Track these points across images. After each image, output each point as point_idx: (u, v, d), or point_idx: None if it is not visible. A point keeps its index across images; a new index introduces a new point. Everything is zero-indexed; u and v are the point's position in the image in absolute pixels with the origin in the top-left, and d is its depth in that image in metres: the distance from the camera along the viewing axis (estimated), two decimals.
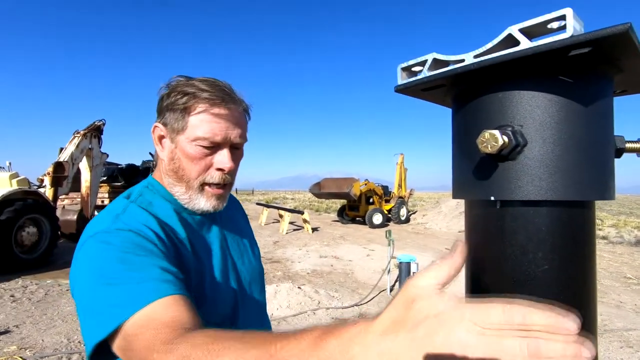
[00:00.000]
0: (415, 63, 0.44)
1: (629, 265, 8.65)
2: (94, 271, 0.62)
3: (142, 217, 0.72)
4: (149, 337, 0.52)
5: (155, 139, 0.82)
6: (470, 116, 0.40)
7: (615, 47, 0.32)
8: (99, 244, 0.65)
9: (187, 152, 0.77)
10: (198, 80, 0.79)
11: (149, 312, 0.55)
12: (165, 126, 0.79)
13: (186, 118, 0.76)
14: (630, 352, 3.91)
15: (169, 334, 0.51)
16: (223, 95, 0.78)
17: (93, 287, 0.60)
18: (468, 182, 0.41)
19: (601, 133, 0.37)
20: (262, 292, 0.98)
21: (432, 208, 18.25)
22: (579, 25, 0.32)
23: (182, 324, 0.54)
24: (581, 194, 0.35)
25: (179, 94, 0.77)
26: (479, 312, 0.29)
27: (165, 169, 0.81)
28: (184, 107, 0.76)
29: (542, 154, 0.35)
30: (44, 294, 5.19)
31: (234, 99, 0.80)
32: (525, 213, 0.36)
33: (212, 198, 0.80)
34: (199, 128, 0.75)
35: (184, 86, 0.78)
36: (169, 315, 0.55)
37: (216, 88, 0.78)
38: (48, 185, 7.45)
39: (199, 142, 0.76)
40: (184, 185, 0.79)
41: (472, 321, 0.29)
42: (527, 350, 0.28)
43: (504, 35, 0.36)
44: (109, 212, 0.74)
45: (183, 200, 0.80)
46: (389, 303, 0.35)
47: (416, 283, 0.34)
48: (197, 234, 0.82)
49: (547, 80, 0.36)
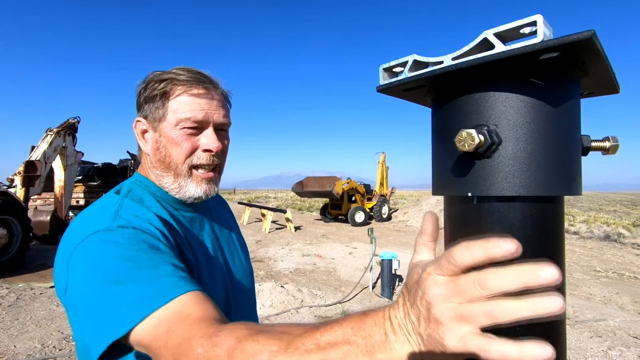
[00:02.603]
0: (397, 64, 0.45)
1: (598, 259, 9.07)
2: (100, 270, 0.59)
3: (141, 213, 0.71)
4: (184, 332, 0.51)
5: (138, 134, 0.80)
6: (449, 116, 0.42)
7: (581, 51, 0.34)
8: (102, 243, 0.62)
9: (171, 137, 0.76)
10: (174, 68, 0.79)
11: (177, 308, 0.54)
12: (146, 118, 0.78)
13: (166, 104, 0.76)
14: (600, 341, 4.11)
15: (207, 328, 0.51)
16: (200, 76, 0.78)
17: (102, 287, 0.58)
18: (447, 179, 0.43)
19: (569, 132, 0.39)
20: (252, 291, 0.98)
21: (413, 206, 18.55)
22: (548, 31, 0.35)
23: (216, 318, 0.54)
24: (551, 190, 0.38)
25: (156, 83, 0.77)
26: (436, 267, 0.35)
27: (152, 162, 0.80)
28: (162, 93, 0.76)
29: (515, 152, 0.37)
30: (15, 299, 4.98)
31: (211, 81, 0.80)
32: (500, 208, 0.39)
33: (202, 182, 0.79)
34: (179, 110, 0.75)
35: (160, 75, 0.78)
36: (201, 310, 0.55)
37: (193, 71, 0.78)
38: (19, 185, 7.14)
39: (182, 123, 0.75)
40: (172, 174, 0.78)
41: (436, 275, 0.34)
42: (478, 282, 0.31)
43: (480, 39, 0.38)
44: (104, 208, 0.71)
45: (173, 190, 0.79)
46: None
47: (411, 262, 0.42)
48: (190, 230, 0.81)
49: (519, 82, 0.38)
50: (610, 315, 4.99)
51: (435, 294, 0.34)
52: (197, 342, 0.49)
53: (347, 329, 0.40)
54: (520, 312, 0.30)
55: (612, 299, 5.84)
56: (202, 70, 0.81)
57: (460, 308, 0.32)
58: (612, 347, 3.94)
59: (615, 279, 7.09)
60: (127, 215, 0.69)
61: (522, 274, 0.30)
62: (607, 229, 13.33)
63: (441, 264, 0.34)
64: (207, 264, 0.80)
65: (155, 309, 0.54)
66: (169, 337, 0.52)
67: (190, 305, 0.55)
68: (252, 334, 0.47)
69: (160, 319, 0.54)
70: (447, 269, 0.33)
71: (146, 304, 0.55)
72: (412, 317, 0.36)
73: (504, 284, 0.30)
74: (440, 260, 0.34)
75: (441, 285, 0.34)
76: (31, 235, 7.09)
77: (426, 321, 0.34)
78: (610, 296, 5.96)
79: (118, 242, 0.62)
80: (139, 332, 0.54)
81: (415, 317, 0.36)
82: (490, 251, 0.31)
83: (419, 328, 0.35)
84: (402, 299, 0.39)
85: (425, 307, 0.34)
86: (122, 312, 0.55)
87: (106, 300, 0.57)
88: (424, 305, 0.35)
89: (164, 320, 0.53)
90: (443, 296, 0.33)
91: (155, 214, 0.73)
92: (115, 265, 0.59)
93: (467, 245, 0.33)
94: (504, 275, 0.31)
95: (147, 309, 0.54)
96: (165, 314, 0.54)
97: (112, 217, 0.67)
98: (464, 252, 0.32)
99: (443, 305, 0.33)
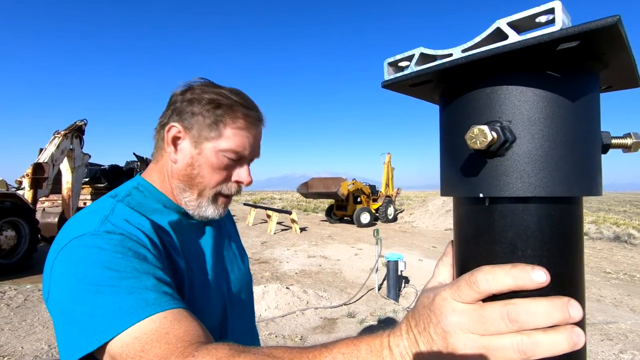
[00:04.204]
0: (402, 58, 0.43)
1: (608, 260, 8.93)
2: (81, 277, 0.56)
3: (133, 219, 0.68)
4: (160, 352, 0.48)
5: (168, 139, 0.77)
6: (459, 112, 0.40)
7: (603, 41, 0.32)
8: (86, 248, 0.59)
9: (212, 161, 0.75)
10: (228, 91, 0.78)
11: (154, 326, 0.51)
12: (186, 130, 0.76)
13: (221, 129, 0.75)
14: (611, 344, 4.03)
15: (185, 348, 0.48)
16: (259, 115, 0.81)
17: (79, 295, 0.54)
18: (456, 179, 0.40)
19: (589, 129, 0.37)
20: (251, 302, 0.96)
21: (419, 207, 18.46)
22: (567, 19, 0.32)
23: (197, 337, 0.51)
24: (569, 190, 0.35)
25: (212, 104, 0.75)
26: (453, 292, 0.33)
27: (177, 173, 0.77)
28: (220, 118, 0.75)
29: (530, 150, 0.35)
30: (23, 300, 5.03)
31: (263, 120, 0.82)
32: (514, 210, 0.36)
33: (221, 207, 0.80)
34: (233, 141, 0.75)
35: (216, 95, 0.76)
36: (181, 328, 0.52)
37: (252, 106, 0.80)
38: (27, 187, 7.22)
39: (228, 154, 0.76)
40: (196, 193, 0.77)
41: (454, 301, 0.32)
42: (507, 317, 0.30)
43: (492, 29, 0.35)
44: (94, 212, 0.68)
45: (189, 205, 0.78)
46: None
47: (425, 285, 0.40)
48: (189, 238, 0.79)
49: (535, 75, 0.35)
50: (622, 317, 4.90)
51: (454, 322, 0.31)
52: None
53: (337, 355, 0.38)
54: (554, 347, 0.29)
55: (623, 301, 5.73)
56: (253, 100, 0.82)
57: (484, 340, 0.30)
58: (624, 351, 3.86)
59: (626, 281, 6.97)
60: (117, 220, 0.66)
61: (553, 310, 0.30)
62: (617, 229, 13.13)
63: (461, 289, 0.32)
64: (203, 274, 0.77)
65: (131, 325, 0.51)
66: (142, 356, 0.49)
67: (169, 323, 0.52)
68: (234, 354, 0.45)
69: (135, 337, 0.51)
70: (467, 295, 0.31)
71: (122, 318, 0.52)
72: (420, 347, 0.33)
73: (536, 320, 0.29)
74: (459, 285, 0.32)
75: (461, 314, 0.31)
76: (39, 237, 7.16)
77: (440, 351, 0.32)
78: (621, 298, 5.86)
79: (102, 247, 0.59)
80: (113, 348, 0.51)
81: (425, 346, 0.33)
82: (519, 281, 0.30)
83: (430, 358, 0.32)
84: (406, 326, 0.36)
85: (441, 336, 0.32)
86: (96, 325, 0.52)
87: (81, 311, 0.53)
88: (438, 334, 0.32)
89: (139, 338, 0.50)
90: (464, 326, 0.31)
91: (151, 220, 0.71)
92: (95, 273, 0.56)
93: (491, 270, 0.31)
94: (537, 310, 0.29)
95: (123, 324, 0.51)
96: (141, 331, 0.51)
97: (100, 222, 0.64)
98: (488, 278, 0.30)
99: (464, 336, 0.31)
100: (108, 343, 0.51)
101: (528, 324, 0.29)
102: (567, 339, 0.29)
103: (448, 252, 0.43)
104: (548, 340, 0.29)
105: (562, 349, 0.29)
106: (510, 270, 0.31)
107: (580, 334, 0.30)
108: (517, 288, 0.31)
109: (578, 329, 0.30)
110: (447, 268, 0.42)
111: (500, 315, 0.30)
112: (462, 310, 0.31)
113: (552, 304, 0.30)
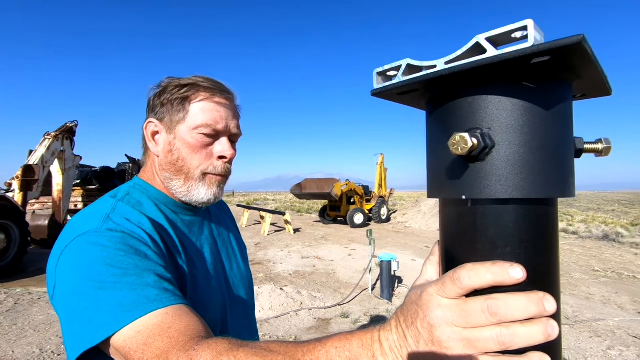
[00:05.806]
0: (390, 68, 0.46)
1: (597, 258, 9.08)
2: (85, 273, 0.58)
3: (133, 217, 0.69)
4: (162, 345, 0.50)
5: (148, 135, 0.80)
6: (442, 119, 0.42)
7: (571, 55, 0.34)
8: (88, 245, 0.61)
9: (188, 141, 0.76)
10: (194, 76, 0.80)
11: (156, 321, 0.54)
12: (161, 121, 0.78)
13: (187, 107, 0.77)
14: (599, 341, 4.11)
15: (188, 342, 0.50)
16: (221, 86, 0.81)
17: (83, 291, 0.56)
18: (441, 182, 0.43)
19: (562, 135, 0.39)
20: (251, 298, 0.97)
21: (412, 207, 18.56)
22: (539, 35, 0.35)
23: (198, 332, 0.53)
24: (545, 192, 0.38)
25: (176, 87, 0.78)
26: (439, 288, 0.35)
27: (161, 165, 0.79)
28: (184, 97, 0.77)
29: (508, 155, 0.38)
30: (13, 303, 4.95)
31: (230, 91, 0.82)
32: (494, 210, 0.39)
33: (214, 185, 0.80)
34: (201, 116, 0.76)
35: (181, 80, 0.79)
36: (182, 323, 0.54)
37: (214, 80, 0.80)
38: (17, 190, 7.12)
39: (201, 129, 0.76)
40: (183, 177, 0.78)
41: (439, 297, 0.35)
42: (488, 310, 0.33)
43: (472, 43, 0.38)
44: (96, 211, 0.69)
45: (180, 193, 0.79)
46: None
47: (414, 283, 0.42)
48: (188, 235, 0.80)
49: (512, 86, 0.38)
50: (610, 315, 4.99)
51: (439, 316, 0.34)
52: (174, 356, 0.49)
53: (330, 349, 0.40)
54: (530, 338, 0.32)
55: (611, 298, 5.84)
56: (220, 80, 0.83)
57: (467, 333, 0.33)
58: (612, 347, 3.94)
59: (614, 279, 7.10)
60: (118, 218, 0.67)
61: (530, 304, 0.32)
62: (605, 228, 13.35)
63: (445, 286, 0.34)
64: (203, 270, 0.79)
65: (134, 320, 0.53)
66: (145, 350, 0.51)
67: (171, 318, 0.54)
68: (233, 348, 0.47)
69: (138, 331, 0.53)
70: (451, 291, 0.34)
71: (125, 313, 0.54)
72: (409, 340, 0.36)
73: (514, 313, 0.32)
74: (444, 281, 0.34)
75: (446, 309, 0.34)
76: (29, 240, 7.07)
77: (427, 344, 0.34)
78: (609, 296, 5.97)
79: (105, 245, 0.61)
80: (116, 341, 0.53)
81: (413, 340, 0.35)
82: (498, 277, 0.32)
83: (417, 351, 0.35)
84: (395, 321, 0.38)
85: (427, 330, 0.34)
86: (100, 320, 0.54)
87: (85, 306, 0.56)
88: (425, 327, 0.34)
89: (142, 332, 0.53)
90: (448, 320, 0.33)
91: (150, 218, 0.72)
92: (99, 270, 0.58)
93: (473, 267, 0.33)
94: (515, 304, 0.32)
95: (126, 319, 0.53)
96: (144, 325, 0.53)
97: (103, 220, 0.66)
98: (470, 274, 0.33)
99: (448, 329, 0.33)
100: (112, 337, 0.53)
101: (507, 317, 0.32)
102: (542, 331, 0.32)
103: (435, 251, 0.45)
104: (525, 331, 0.32)
105: (538, 339, 0.32)
106: (491, 267, 0.33)
107: (555, 326, 0.32)
108: (496, 284, 0.33)
109: (553, 321, 0.32)
110: (434, 266, 0.44)
111: (482, 309, 0.32)
112: (447, 305, 0.34)
113: (529, 298, 0.32)
